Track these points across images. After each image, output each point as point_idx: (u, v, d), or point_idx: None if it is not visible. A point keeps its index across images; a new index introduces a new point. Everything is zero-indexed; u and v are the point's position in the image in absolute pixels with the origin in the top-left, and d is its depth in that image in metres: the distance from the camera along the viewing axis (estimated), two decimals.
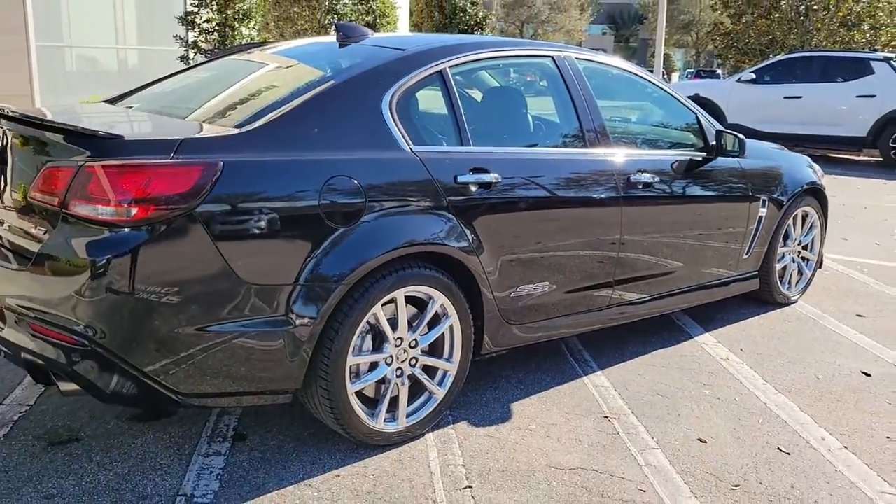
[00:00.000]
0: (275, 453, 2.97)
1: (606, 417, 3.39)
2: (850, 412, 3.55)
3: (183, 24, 10.92)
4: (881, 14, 17.03)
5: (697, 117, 4.27)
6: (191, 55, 10.89)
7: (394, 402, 3.04)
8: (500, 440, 3.15)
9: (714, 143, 4.20)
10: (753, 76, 13.67)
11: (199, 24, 10.42)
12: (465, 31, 34.75)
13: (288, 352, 2.70)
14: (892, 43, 17.16)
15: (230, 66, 3.83)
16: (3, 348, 2.74)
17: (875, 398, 3.72)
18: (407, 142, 3.00)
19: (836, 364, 4.12)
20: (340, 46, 3.59)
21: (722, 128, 4.26)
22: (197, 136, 2.70)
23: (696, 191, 4.11)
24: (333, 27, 3.67)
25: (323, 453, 2.98)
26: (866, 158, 14.02)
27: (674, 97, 4.26)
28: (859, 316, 4.93)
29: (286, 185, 2.69)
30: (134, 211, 2.44)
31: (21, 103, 10.39)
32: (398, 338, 2.99)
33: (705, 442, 3.21)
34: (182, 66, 12.45)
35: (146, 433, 3.09)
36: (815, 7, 17.21)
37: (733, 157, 4.19)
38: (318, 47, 3.92)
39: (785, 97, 13.25)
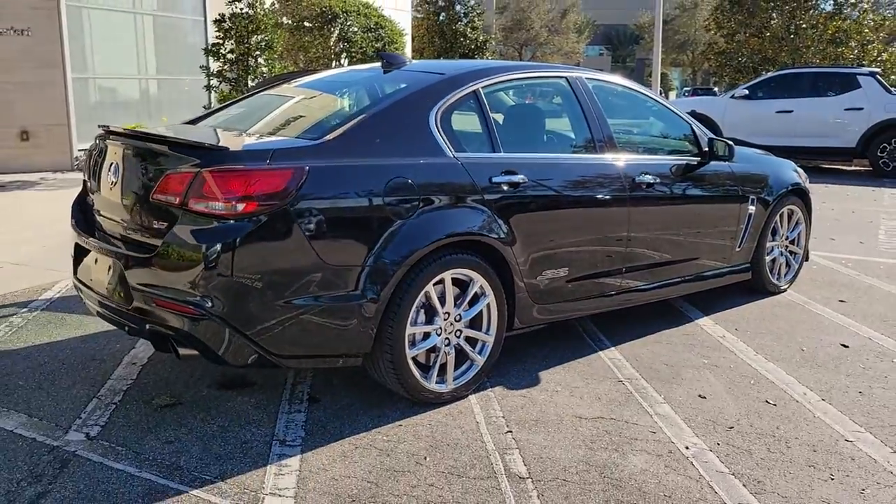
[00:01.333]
0: (345, 410, 3.57)
1: (620, 381, 3.98)
2: (828, 374, 4.14)
3: (208, 55, 11.63)
4: (867, 31, 17.77)
5: (691, 127, 4.90)
6: (214, 83, 11.56)
7: (443, 367, 3.64)
8: (532, 399, 3.74)
9: (707, 149, 4.83)
10: (747, 92, 14.34)
11: (224, 55, 11.10)
12: (465, 55, 35.65)
13: (360, 321, 3.31)
14: (879, 58, 17.89)
15: (289, 90, 4.47)
16: (129, 323, 3.36)
17: (851, 364, 4.31)
18: (450, 149, 3.63)
19: (819, 339, 4.71)
20: (385, 72, 4.23)
21: (713, 136, 4.89)
22: (285, 146, 3.32)
23: (692, 191, 4.73)
24: (379, 56, 4.30)
25: (385, 410, 3.57)
26: (857, 168, 14.65)
27: (670, 109, 4.90)
28: (842, 301, 5.53)
29: (357, 185, 3.31)
30: (241, 207, 3.06)
31: (60, 133, 11.07)
32: (446, 312, 3.59)
33: (704, 398, 3.81)
34: (206, 93, 13.15)
35: (235, 398, 3.69)
36: (805, 26, 17.97)
37: (724, 161, 4.82)
38: (365, 74, 4.56)
39: (777, 112, 13.91)
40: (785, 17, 18.43)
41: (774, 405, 3.73)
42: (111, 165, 3.50)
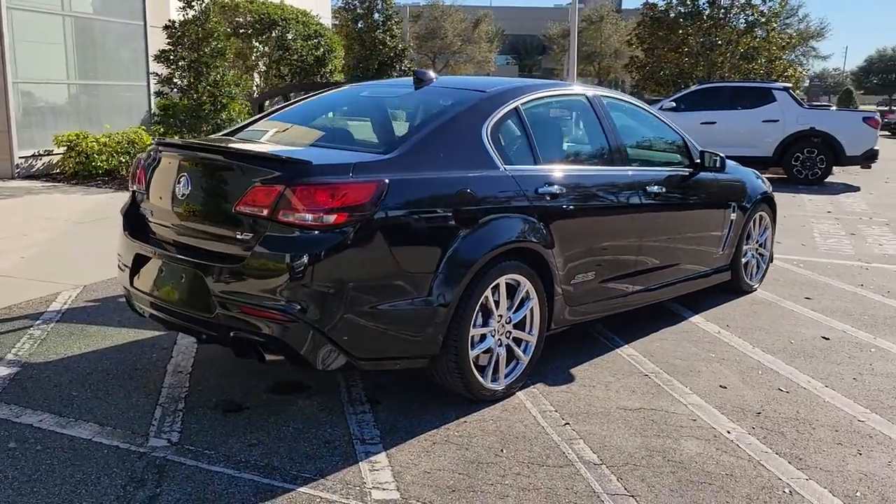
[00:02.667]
0: (407, 410, 3.76)
1: (646, 375, 4.33)
2: (821, 364, 4.61)
3: (158, 62, 11.45)
4: (774, 48, 19.08)
5: (684, 139, 5.32)
6: (165, 90, 11.40)
7: (495, 366, 3.88)
8: (574, 393, 4.04)
9: (698, 160, 5.25)
10: (674, 104, 15.15)
11: (176, 62, 10.96)
12: (384, 63, 35.86)
13: (432, 325, 3.52)
14: (786, 73, 19.22)
15: (325, 104, 4.62)
16: (207, 331, 3.46)
17: (837, 353, 4.80)
18: (501, 162, 3.88)
19: (801, 332, 5.21)
20: (417, 88, 4.43)
21: (704, 148, 5.33)
22: (364, 161, 3.49)
23: (689, 199, 5.15)
24: (413, 73, 4.50)
25: (444, 408, 3.79)
26: (772, 175, 15.68)
27: (666, 124, 5.31)
28: (808, 298, 6.08)
29: (429, 196, 3.52)
30: (330, 218, 3.23)
31: (0, 140, 10.66)
32: (499, 315, 3.84)
33: (725, 387, 4.19)
34: (147, 100, 12.89)
35: (296, 402, 3.82)
36: (720, 42, 19.13)
37: (716, 172, 5.27)
38: (399, 89, 4.74)
39: (702, 123, 14.75)
40: (701, 35, 19.54)
41: (787, 392, 4.15)
42: (181, 177, 3.58)
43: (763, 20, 19.15)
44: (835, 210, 11.13)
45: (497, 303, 3.82)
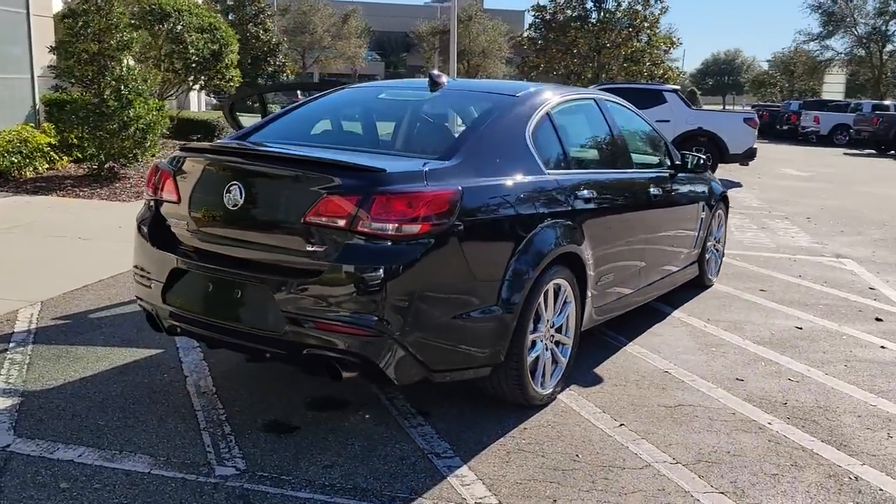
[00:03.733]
0: (462, 420, 3.70)
1: (666, 372, 4.46)
2: (809, 353, 4.93)
3: (55, 54, 10.58)
4: (656, 52, 20.13)
5: (665, 141, 5.52)
6: (62, 84, 10.58)
7: (543, 371, 3.88)
8: (610, 394, 4.11)
9: (679, 161, 5.46)
10: None
11: (77, 54, 10.16)
12: (258, 58, 34.87)
13: (501, 332, 3.47)
14: (666, 75, 20.32)
15: (350, 106, 4.44)
16: (273, 349, 3.25)
17: (817, 343, 5.14)
18: (543, 168, 3.88)
19: (774, 323, 5.54)
20: (433, 90, 4.33)
21: (685, 151, 5.56)
22: (434, 168, 3.38)
23: (676, 199, 5.35)
24: (428, 75, 4.40)
25: (497, 416, 3.75)
26: None
27: (651, 126, 5.49)
28: (762, 290, 6.47)
29: (495, 203, 3.47)
30: (414, 228, 3.12)
31: None
32: (548, 319, 3.85)
33: (742, 380, 4.40)
34: (45, 93, 11.87)
35: (346, 419, 3.66)
36: (608, 45, 19.96)
37: (699, 173, 5.50)
38: (419, 91, 4.56)
39: None
40: (590, 37, 20.30)
41: (797, 382, 4.41)
42: (231, 186, 3.33)
43: (647, 25, 20.19)
44: (732, 205, 11.86)
45: (545, 307, 3.82)
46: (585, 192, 4.11)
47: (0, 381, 3.92)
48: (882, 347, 5.10)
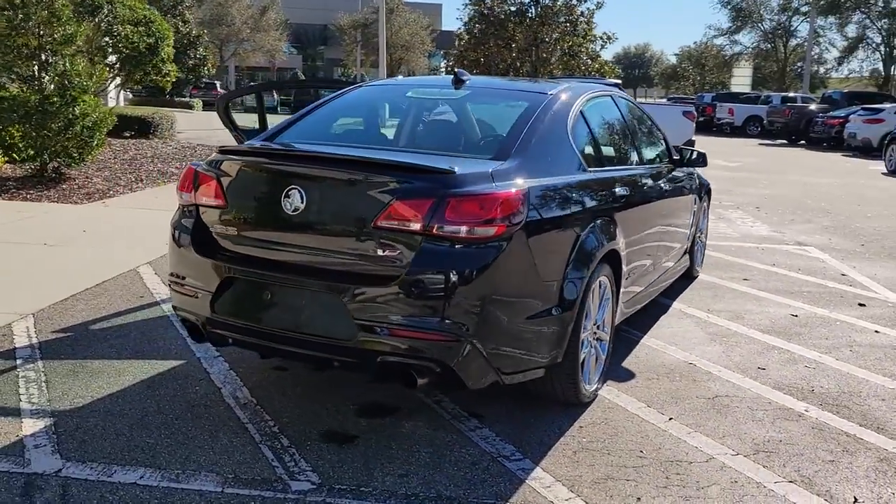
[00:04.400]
0: (515, 421, 3.67)
1: (691, 364, 4.55)
2: (812, 339, 5.11)
3: None
4: (592, 47, 20.52)
5: (664, 136, 5.62)
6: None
7: (590, 368, 3.89)
8: (648, 388, 4.16)
9: (677, 156, 5.57)
10: None
11: (16, 49, 9.59)
12: (179, 51, 33.73)
13: (562, 332, 3.46)
14: (602, 70, 20.73)
15: (381, 101, 4.36)
16: (345, 358, 3.15)
17: (815, 330, 5.34)
18: (585, 165, 3.89)
19: (770, 311, 5.72)
20: (457, 88, 4.28)
21: (682, 145, 5.67)
22: (498, 168, 3.32)
23: (677, 192, 5.45)
24: (454, 73, 4.33)
25: (549, 416, 3.73)
26: None
27: (652, 120, 5.57)
28: (745, 280, 6.68)
29: (554, 202, 3.46)
30: (490, 231, 3.07)
31: None
32: (593, 316, 3.86)
33: (764, 369, 4.52)
34: None
35: (401, 425, 3.58)
36: (547, 39, 20.19)
37: (699, 166, 5.63)
38: (444, 89, 4.47)
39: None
40: (528, 32, 20.48)
41: (814, 369, 4.57)
42: (290, 191, 3.20)
43: (584, 21, 20.53)
44: None
45: (592, 305, 3.83)
46: (618, 188, 4.14)
47: (23, 401, 3.67)
48: (876, 332, 5.34)
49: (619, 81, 16.51)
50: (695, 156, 5.62)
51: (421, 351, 3.06)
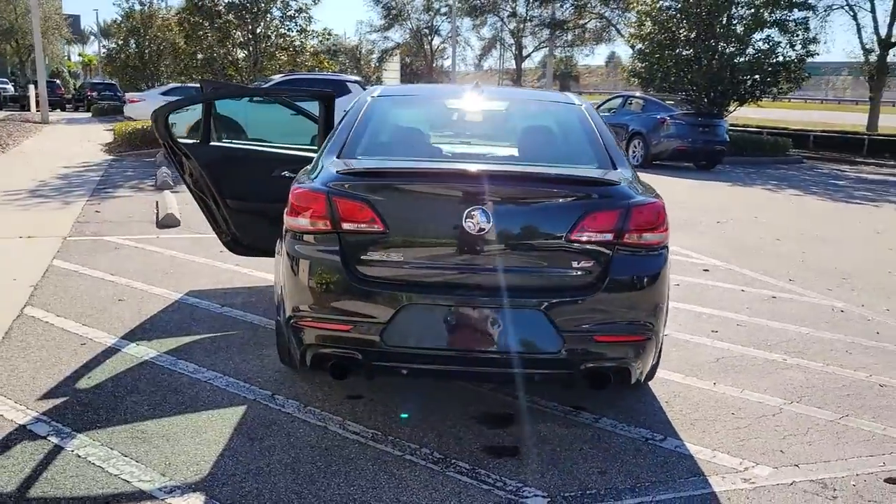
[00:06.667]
0: (627, 411, 3.86)
1: (718, 360, 4.87)
2: (721, 303, 6.05)
3: None
4: (312, 43, 20.45)
5: None
6: None
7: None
8: (690, 387, 4.49)
9: None
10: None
11: None
12: None
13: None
14: (322, 66, 20.84)
15: (439, 111, 4.46)
16: (552, 370, 3.23)
17: (789, 306, 6.07)
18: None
19: (752, 293, 6.38)
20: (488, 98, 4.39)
21: None
22: (626, 179, 3.52)
23: None
24: (476, 85, 4.38)
25: (643, 395, 4.06)
26: None
27: None
28: (705, 270, 7.18)
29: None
30: (663, 237, 3.38)
31: None
32: None
33: (717, 331, 5.30)
34: None
35: (540, 429, 3.64)
36: (270, 34, 19.66)
37: None
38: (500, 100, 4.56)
39: (292, 114, 15.26)
40: (244, 26, 19.71)
41: (759, 328, 5.49)
42: (472, 211, 3.15)
43: (299, 15, 20.29)
44: None
45: None
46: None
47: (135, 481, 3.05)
48: (742, 291, 6.43)
49: (360, 79, 16.89)
50: None
51: (620, 353, 3.26)
